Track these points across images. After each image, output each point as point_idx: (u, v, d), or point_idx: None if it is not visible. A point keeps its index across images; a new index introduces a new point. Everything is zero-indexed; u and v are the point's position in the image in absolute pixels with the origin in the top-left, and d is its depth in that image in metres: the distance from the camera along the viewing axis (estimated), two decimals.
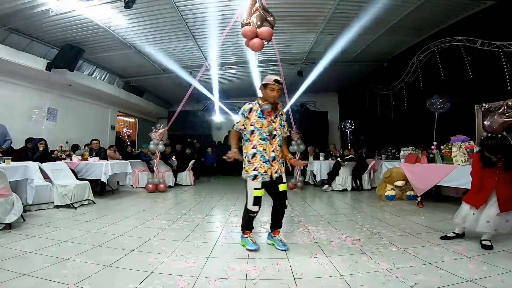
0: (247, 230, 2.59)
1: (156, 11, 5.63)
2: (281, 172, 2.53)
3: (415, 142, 5.85)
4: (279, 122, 2.56)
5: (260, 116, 2.49)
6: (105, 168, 5.08)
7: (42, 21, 5.70)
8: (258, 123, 2.48)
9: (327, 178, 6.78)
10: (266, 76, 2.58)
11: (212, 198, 5.45)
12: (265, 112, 2.51)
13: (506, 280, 1.81)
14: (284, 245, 2.50)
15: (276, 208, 2.60)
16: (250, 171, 2.45)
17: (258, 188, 2.44)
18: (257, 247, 2.49)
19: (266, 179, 2.44)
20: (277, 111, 2.58)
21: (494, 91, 5.06)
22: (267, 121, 2.50)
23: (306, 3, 5.61)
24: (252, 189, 2.45)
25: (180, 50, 7.64)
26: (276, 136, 2.52)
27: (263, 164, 2.44)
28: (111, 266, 2.07)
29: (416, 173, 4.54)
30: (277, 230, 2.62)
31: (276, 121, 2.55)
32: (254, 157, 2.46)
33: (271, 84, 2.46)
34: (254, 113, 2.50)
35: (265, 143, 2.47)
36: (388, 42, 7.30)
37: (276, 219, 2.62)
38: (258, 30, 3.92)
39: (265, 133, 2.47)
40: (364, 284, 1.81)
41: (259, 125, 2.48)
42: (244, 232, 2.60)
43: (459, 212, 2.70)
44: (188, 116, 12.85)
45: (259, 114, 2.50)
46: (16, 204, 3.05)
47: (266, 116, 2.51)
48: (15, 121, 6.15)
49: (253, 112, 2.50)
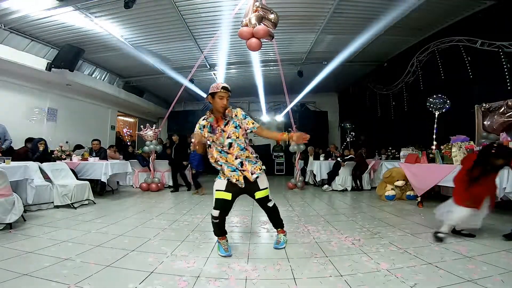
0: (220, 236, 2.42)
1: (156, 11, 5.63)
2: (259, 172, 2.37)
3: (415, 142, 5.86)
4: (232, 126, 2.35)
5: (210, 131, 2.37)
6: (105, 168, 5.08)
7: (42, 21, 5.70)
8: (210, 138, 2.36)
9: (327, 178, 6.79)
10: (212, 84, 2.40)
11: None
12: (213, 124, 2.37)
13: (506, 280, 1.81)
14: (277, 244, 2.51)
15: (265, 211, 2.52)
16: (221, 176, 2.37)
17: (220, 189, 2.32)
18: (228, 253, 2.34)
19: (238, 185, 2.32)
20: (227, 117, 2.38)
21: (494, 91, 5.06)
22: (217, 133, 2.35)
23: (306, 3, 5.61)
24: (214, 190, 2.35)
25: (180, 50, 7.64)
26: (232, 143, 2.33)
27: (233, 173, 2.32)
28: (111, 266, 2.07)
29: (416, 173, 4.54)
30: (280, 229, 2.60)
31: (228, 128, 2.35)
32: (222, 167, 2.36)
33: (219, 92, 2.31)
34: (206, 129, 2.39)
35: (223, 155, 2.35)
36: (388, 42, 7.30)
37: (271, 219, 2.58)
38: (253, 30, 3.90)
39: (219, 146, 2.35)
40: (364, 284, 1.81)
41: (212, 139, 2.36)
42: (219, 237, 2.44)
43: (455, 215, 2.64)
44: (188, 116, 12.87)
45: (209, 129, 2.38)
46: (17, 204, 3.05)
47: (216, 128, 2.36)
48: (15, 121, 6.15)
49: (205, 128, 2.39)
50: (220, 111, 2.36)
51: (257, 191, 2.38)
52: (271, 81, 9.38)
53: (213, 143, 2.37)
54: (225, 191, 2.31)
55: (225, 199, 2.31)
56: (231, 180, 2.32)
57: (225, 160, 2.35)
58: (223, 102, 2.32)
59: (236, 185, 2.33)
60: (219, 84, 2.36)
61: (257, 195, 2.39)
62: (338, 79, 10.29)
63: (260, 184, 2.39)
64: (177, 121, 12.83)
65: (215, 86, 2.36)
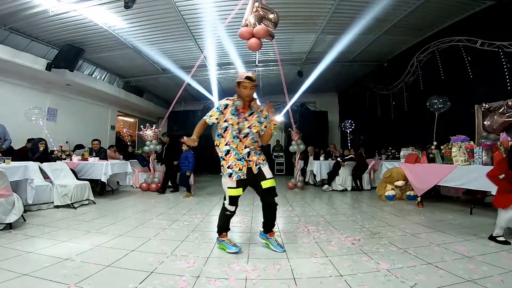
0: (224, 233, 2.49)
1: (156, 11, 5.63)
2: (263, 162, 2.42)
3: (415, 142, 5.85)
4: (256, 119, 2.44)
5: (234, 113, 2.40)
6: (105, 168, 5.08)
7: (42, 21, 5.70)
8: (231, 120, 2.39)
9: (327, 178, 6.79)
10: (239, 72, 2.50)
11: (212, 198, 5.44)
12: (239, 108, 2.42)
13: (506, 280, 1.81)
14: (281, 247, 2.44)
15: (264, 207, 2.47)
16: (225, 167, 2.38)
17: (232, 187, 2.36)
18: (238, 249, 2.39)
19: (241, 177, 2.35)
20: (252, 109, 2.46)
21: (494, 91, 5.07)
22: (240, 118, 2.40)
23: (306, 3, 5.61)
24: (226, 188, 2.39)
25: (180, 50, 7.64)
26: (249, 134, 2.41)
27: (237, 162, 2.36)
28: (111, 266, 2.07)
29: (416, 173, 4.54)
30: (271, 232, 2.52)
31: (251, 118, 2.43)
32: (228, 154, 2.39)
33: (243, 81, 2.36)
34: (229, 110, 2.41)
35: (235, 141, 2.39)
36: (388, 42, 7.30)
37: (267, 220, 2.49)
38: (253, 30, 3.91)
39: (236, 131, 2.39)
40: (364, 284, 1.81)
41: (231, 122, 2.39)
42: (221, 235, 2.49)
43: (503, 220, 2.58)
44: (188, 116, 12.87)
45: (233, 111, 2.40)
46: (17, 204, 3.05)
47: (240, 114, 2.41)
48: (15, 121, 6.15)
49: (228, 108, 2.41)
50: (246, 100, 2.41)
51: (263, 180, 2.38)
52: (271, 81, 9.39)
53: (231, 125, 2.39)
54: (237, 187, 2.37)
55: (236, 195, 2.38)
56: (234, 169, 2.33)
57: (236, 146, 2.40)
58: (246, 91, 2.37)
59: (241, 180, 2.36)
60: (244, 73, 2.40)
61: (264, 185, 2.37)
62: (338, 79, 10.30)
63: (266, 174, 2.41)
64: (177, 121, 12.83)
65: (241, 75, 2.41)
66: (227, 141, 2.40)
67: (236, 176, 2.33)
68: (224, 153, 2.40)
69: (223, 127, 2.41)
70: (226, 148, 2.40)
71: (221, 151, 2.42)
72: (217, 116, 2.41)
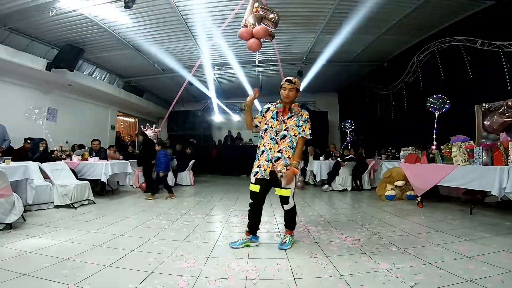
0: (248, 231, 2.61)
1: (156, 11, 5.63)
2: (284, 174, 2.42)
3: (415, 142, 5.85)
4: (294, 122, 2.52)
5: (274, 117, 2.55)
6: (105, 168, 5.08)
7: (42, 21, 5.70)
8: (270, 122, 2.54)
9: (327, 178, 6.79)
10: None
11: (212, 198, 5.45)
12: (279, 112, 2.55)
13: (506, 280, 1.81)
14: (281, 245, 2.52)
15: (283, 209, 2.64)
16: (254, 167, 2.54)
17: (253, 182, 2.52)
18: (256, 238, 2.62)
19: (264, 176, 2.47)
20: (292, 112, 2.55)
21: (494, 91, 5.06)
22: (278, 121, 2.53)
23: (306, 3, 5.61)
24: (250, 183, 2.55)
25: (180, 50, 7.64)
26: (286, 136, 2.50)
27: (265, 163, 2.49)
28: (111, 266, 2.06)
29: (416, 173, 4.54)
30: (287, 230, 2.65)
31: (290, 121, 2.52)
32: (262, 154, 2.53)
33: (283, 84, 2.52)
34: (270, 113, 2.58)
35: (272, 143, 2.50)
36: (388, 42, 7.30)
37: (284, 219, 2.68)
38: (253, 30, 3.90)
39: (273, 133, 2.51)
40: (364, 284, 1.81)
41: (270, 125, 2.54)
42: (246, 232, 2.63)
43: None
44: (188, 116, 12.87)
45: (274, 114, 2.56)
46: (17, 204, 3.04)
47: (279, 117, 2.54)
48: (15, 121, 6.15)
49: (269, 112, 2.58)
50: (286, 102, 2.52)
51: (278, 187, 2.49)
52: (271, 81, 9.38)
53: (270, 128, 2.53)
54: (254, 183, 2.51)
55: (254, 191, 2.51)
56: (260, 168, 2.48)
57: (270, 147, 2.50)
58: (285, 92, 2.49)
59: (263, 178, 2.47)
60: (286, 77, 2.56)
61: (277, 192, 2.51)
62: (338, 79, 10.30)
63: (283, 183, 2.48)
64: (177, 121, 12.83)
65: (284, 79, 2.57)
66: (264, 142, 2.54)
67: (260, 175, 2.48)
68: (260, 153, 2.54)
69: (263, 129, 2.56)
70: (262, 149, 2.54)
71: (258, 151, 2.57)
72: (260, 119, 2.61)
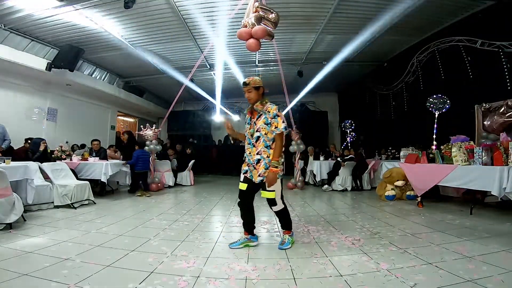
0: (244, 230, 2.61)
1: (156, 11, 5.63)
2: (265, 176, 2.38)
3: (415, 142, 5.85)
4: (263, 121, 2.41)
5: (248, 122, 2.56)
6: (105, 168, 5.08)
7: (42, 21, 5.70)
8: (246, 128, 2.55)
9: (327, 178, 6.79)
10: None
11: (212, 198, 5.45)
12: (248, 114, 2.55)
13: (506, 280, 1.81)
14: (281, 245, 2.52)
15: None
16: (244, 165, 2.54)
17: (241, 181, 2.53)
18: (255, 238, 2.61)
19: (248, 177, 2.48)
20: (260, 111, 2.44)
21: (494, 91, 5.06)
22: (250, 124, 2.51)
23: (306, 3, 5.61)
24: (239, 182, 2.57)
25: (180, 50, 7.64)
26: (260, 137, 2.42)
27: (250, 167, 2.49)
28: (111, 266, 2.07)
29: (416, 173, 4.54)
30: (285, 230, 2.63)
31: (259, 122, 2.43)
32: (245, 160, 2.54)
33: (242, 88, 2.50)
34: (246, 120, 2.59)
35: (250, 147, 2.49)
36: (388, 42, 7.30)
37: (279, 221, 2.68)
38: (252, 30, 3.89)
39: (250, 137, 2.49)
40: (364, 284, 1.81)
41: (246, 130, 2.54)
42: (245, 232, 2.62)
43: None
44: (188, 116, 12.87)
45: (248, 119, 2.56)
46: (17, 204, 3.05)
47: (251, 120, 2.52)
48: (15, 121, 6.15)
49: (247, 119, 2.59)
50: (251, 104, 2.50)
51: (263, 189, 2.46)
52: (271, 81, 9.38)
53: (247, 133, 2.52)
54: (242, 182, 2.51)
55: (241, 189, 2.50)
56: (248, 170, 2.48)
57: (249, 152, 2.49)
58: (246, 95, 2.49)
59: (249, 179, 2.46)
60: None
61: (262, 194, 2.48)
62: (338, 79, 10.29)
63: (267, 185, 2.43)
64: (177, 121, 12.83)
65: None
66: (246, 148, 2.53)
67: (249, 174, 2.47)
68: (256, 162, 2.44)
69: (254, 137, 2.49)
70: (245, 155, 2.54)
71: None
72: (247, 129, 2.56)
